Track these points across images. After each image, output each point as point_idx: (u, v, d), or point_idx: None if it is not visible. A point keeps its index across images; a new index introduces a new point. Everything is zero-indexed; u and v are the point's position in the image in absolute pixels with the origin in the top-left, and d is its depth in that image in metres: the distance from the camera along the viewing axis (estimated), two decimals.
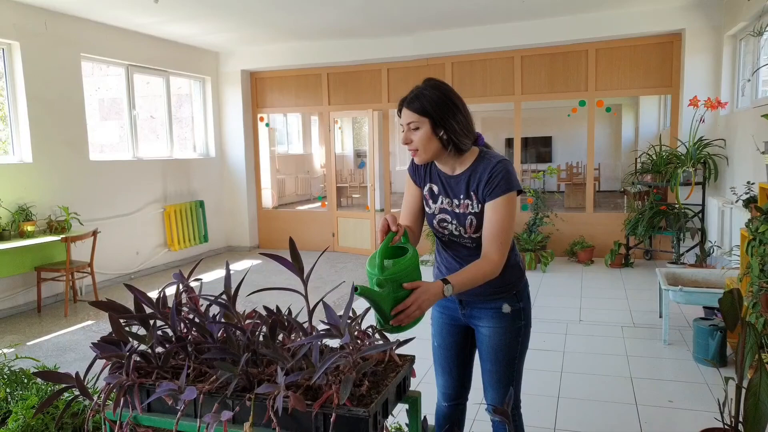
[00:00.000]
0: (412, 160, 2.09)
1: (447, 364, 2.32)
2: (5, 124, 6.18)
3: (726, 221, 5.94)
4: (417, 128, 1.95)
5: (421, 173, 2.15)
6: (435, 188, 2.12)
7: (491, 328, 2.14)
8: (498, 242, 1.94)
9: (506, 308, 2.12)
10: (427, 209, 2.16)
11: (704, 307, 4.67)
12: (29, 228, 5.82)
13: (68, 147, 6.63)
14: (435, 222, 2.14)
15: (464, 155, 2.03)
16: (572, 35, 7.43)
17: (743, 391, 2.16)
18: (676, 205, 6.64)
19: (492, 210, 1.96)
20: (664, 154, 6.93)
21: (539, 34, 7.54)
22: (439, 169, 2.10)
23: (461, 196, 2.05)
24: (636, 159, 8.13)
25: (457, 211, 2.07)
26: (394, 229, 1.84)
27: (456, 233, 2.08)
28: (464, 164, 2.04)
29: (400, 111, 2.00)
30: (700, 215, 6.72)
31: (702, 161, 6.48)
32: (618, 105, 15.04)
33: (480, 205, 2.01)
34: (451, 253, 2.16)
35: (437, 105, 1.93)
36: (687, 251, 6.74)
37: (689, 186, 6.54)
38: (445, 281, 1.82)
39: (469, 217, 2.03)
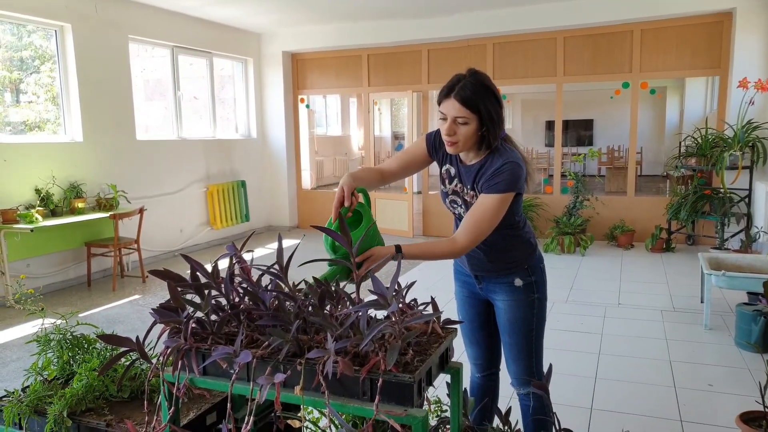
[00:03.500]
0: (437, 132, 2.09)
1: (473, 335, 2.41)
2: (56, 104, 6.39)
3: None
4: (465, 123, 1.93)
5: (440, 151, 2.15)
6: (452, 170, 2.15)
7: (506, 301, 2.21)
8: (472, 231, 1.93)
9: (518, 282, 2.19)
10: (442, 187, 2.22)
11: (748, 293, 4.60)
12: (80, 205, 6.05)
13: (116, 127, 6.83)
14: (447, 201, 2.22)
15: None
16: (617, 15, 7.27)
17: None
18: (722, 190, 6.50)
19: (481, 201, 1.96)
20: (710, 137, 6.77)
21: (583, 14, 7.40)
22: (458, 155, 2.12)
23: (469, 187, 2.09)
24: (680, 142, 7.94)
25: (466, 198, 2.12)
26: (347, 203, 1.84)
27: (464, 215, 2.10)
28: (479, 156, 2.05)
29: (443, 99, 1.95)
30: (746, 200, 6.56)
31: (750, 144, 6.31)
32: (663, 87, 14.69)
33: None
34: None
35: (488, 104, 1.91)
36: (732, 237, 6.59)
37: (735, 170, 6.38)
38: (399, 249, 1.82)
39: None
